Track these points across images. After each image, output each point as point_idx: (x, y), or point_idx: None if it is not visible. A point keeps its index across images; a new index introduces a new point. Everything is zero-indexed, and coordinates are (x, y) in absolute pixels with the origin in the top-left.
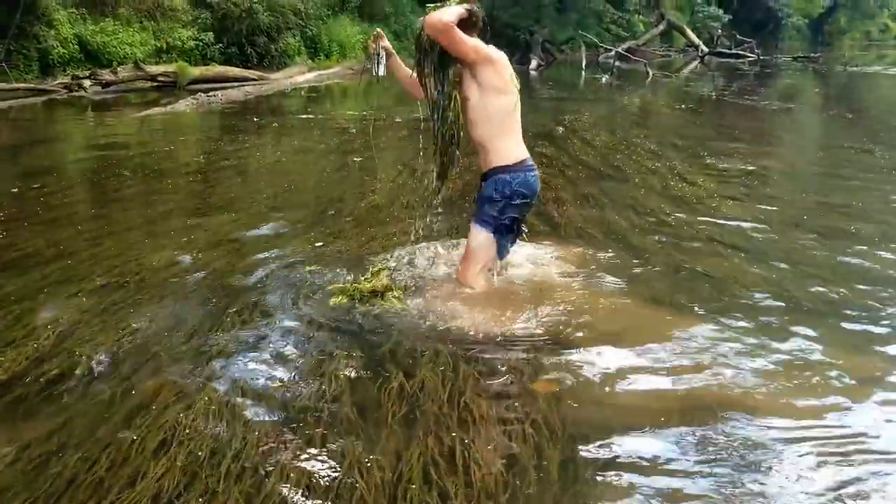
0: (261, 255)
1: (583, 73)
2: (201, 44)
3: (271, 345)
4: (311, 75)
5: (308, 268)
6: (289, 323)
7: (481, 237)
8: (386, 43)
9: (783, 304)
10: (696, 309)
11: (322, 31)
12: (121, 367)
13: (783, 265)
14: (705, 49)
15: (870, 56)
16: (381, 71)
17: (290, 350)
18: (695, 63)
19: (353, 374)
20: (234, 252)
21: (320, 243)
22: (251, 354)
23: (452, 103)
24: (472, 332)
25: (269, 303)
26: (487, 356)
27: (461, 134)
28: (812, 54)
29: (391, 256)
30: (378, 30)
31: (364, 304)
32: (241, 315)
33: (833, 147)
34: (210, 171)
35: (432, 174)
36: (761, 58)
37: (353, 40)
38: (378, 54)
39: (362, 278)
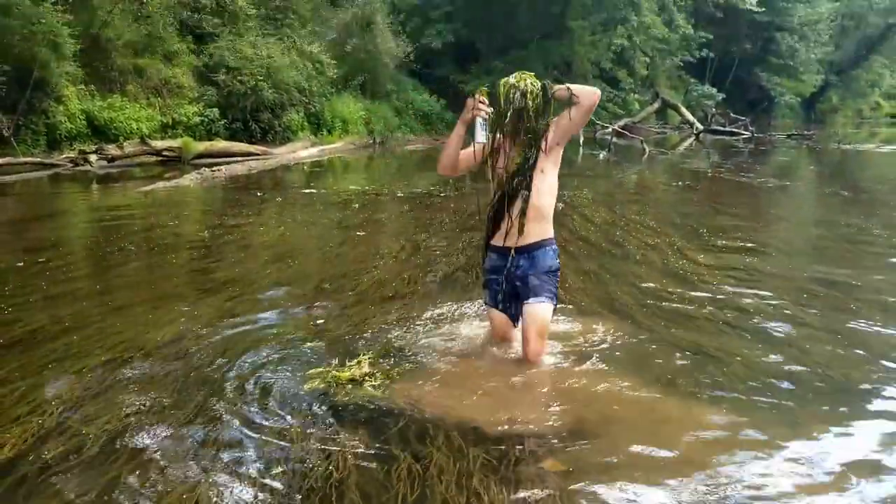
0: (262, 333)
1: (580, 149)
2: (206, 119)
3: (273, 429)
4: (313, 150)
5: (308, 345)
6: (292, 405)
7: (551, 311)
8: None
9: (789, 386)
10: (700, 393)
11: (325, 107)
12: (121, 448)
13: (786, 345)
14: (700, 126)
15: (862, 134)
16: (483, 137)
17: (293, 433)
18: (690, 140)
19: (358, 458)
20: (236, 329)
21: (321, 320)
22: (254, 437)
23: (529, 169)
24: (478, 416)
25: (270, 384)
26: (494, 440)
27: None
28: (805, 132)
29: (390, 336)
30: (482, 90)
31: (341, 393)
32: (241, 395)
33: (831, 224)
34: (213, 245)
35: (480, 243)
36: (755, 135)
37: (356, 116)
38: (485, 119)
39: (346, 365)
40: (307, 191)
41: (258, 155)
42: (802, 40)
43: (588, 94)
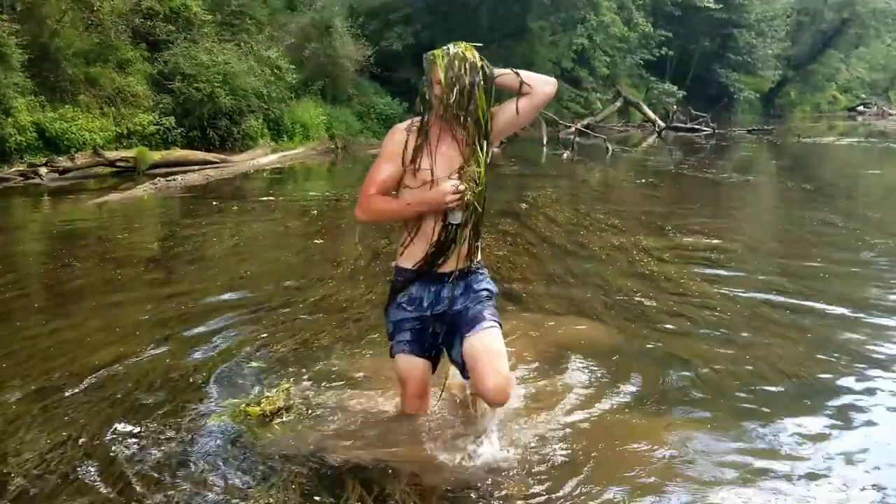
0: (202, 353)
1: (544, 149)
2: (162, 128)
3: (208, 461)
4: (273, 157)
5: (245, 366)
6: (189, 446)
7: (502, 337)
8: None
9: (760, 388)
10: (672, 404)
11: (285, 113)
12: (45, 486)
13: (754, 346)
14: (662, 124)
15: (821, 127)
16: (459, 218)
17: (230, 465)
18: (653, 137)
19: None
20: (181, 348)
21: (266, 335)
22: (182, 472)
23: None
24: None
25: (180, 418)
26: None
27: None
28: (765, 126)
29: (332, 357)
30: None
31: (247, 432)
32: (176, 421)
33: (794, 219)
34: (165, 258)
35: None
36: (716, 131)
37: (317, 121)
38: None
39: (264, 395)
40: (265, 198)
41: (216, 163)
42: (760, 36)
43: (542, 83)
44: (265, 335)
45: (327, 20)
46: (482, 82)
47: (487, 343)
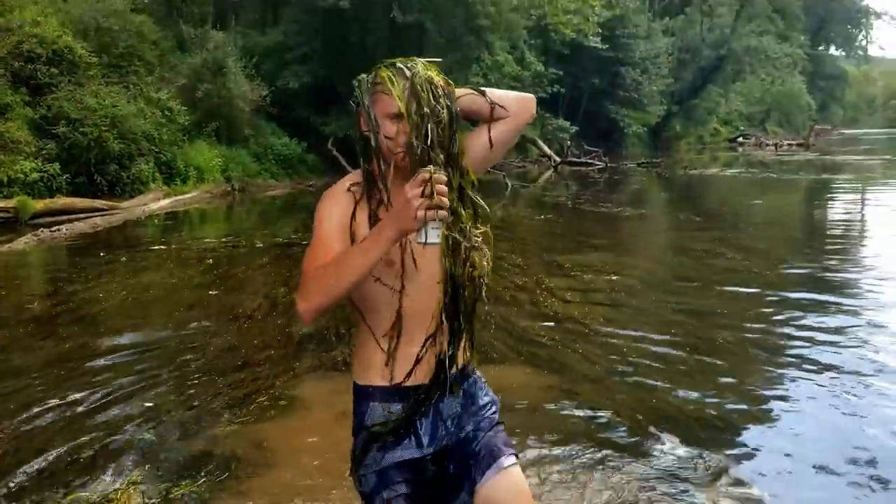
0: (73, 427)
1: None
2: (46, 175)
3: None
4: (166, 202)
5: (116, 442)
6: None
7: None
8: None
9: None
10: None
11: (178, 155)
12: None
13: (659, 386)
14: (557, 159)
15: (705, 158)
16: (437, 237)
17: None
18: (549, 172)
19: None
20: (54, 422)
21: (150, 403)
22: None
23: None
24: None
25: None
26: None
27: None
28: (654, 160)
29: (216, 428)
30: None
31: None
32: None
33: (687, 251)
34: (45, 317)
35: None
36: (609, 165)
37: (212, 164)
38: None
39: (114, 490)
40: (157, 247)
41: (104, 210)
42: (644, 74)
43: (521, 103)
44: (150, 404)
45: (220, 61)
46: (458, 110)
47: (513, 491)
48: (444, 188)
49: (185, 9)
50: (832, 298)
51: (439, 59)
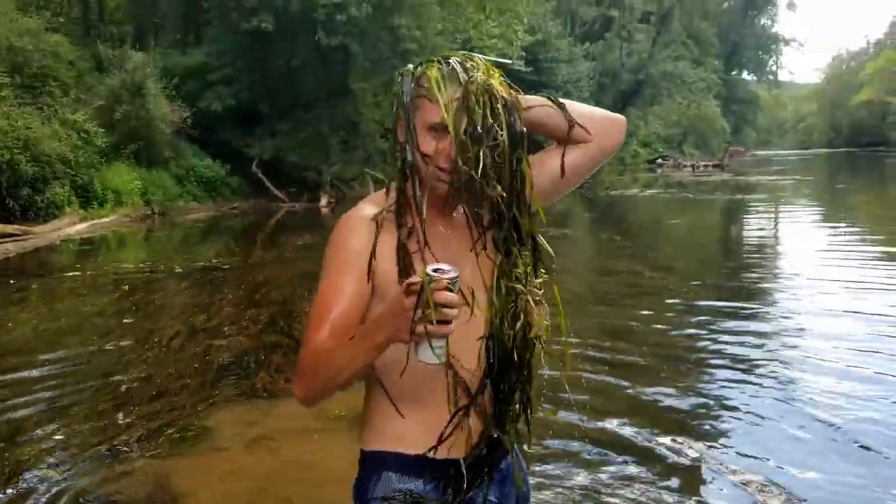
0: None
1: None
2: None
3: None
4: (82, 226)
5: (45, 473)
6: None
7: None
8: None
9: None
10: None
11: (95, 178)
12: None
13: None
14: None
15: (626, 180)
16: (436, 357)
17: None
18: None
19: None
20: None
21: (60, 437)
22: None
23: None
24: None
25: None
26: None
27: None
28: None
29: (133, 466)
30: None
31: None
32: None
33: (609, 272)
34: None
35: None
36: None
37: (130, 187)
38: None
39: None
40: (71, 273)
41: (17, 235)
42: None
43: (608, 124)
44: (60, 437)
45: (139, 82)
46: (523, 130)
47: None
48: (449, 297)
49: (102, 28)
50: (750, 307)
51: (509, 62)
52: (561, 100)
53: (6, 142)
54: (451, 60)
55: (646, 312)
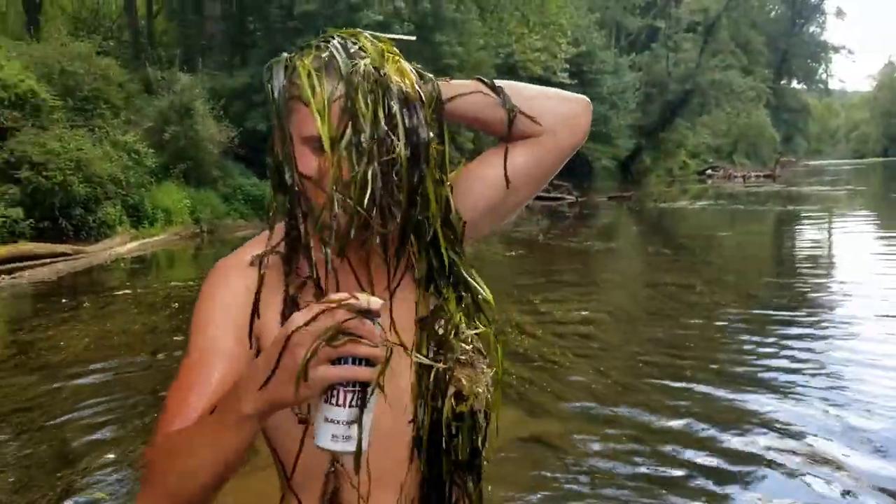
0: (43, 476)
1: None
2: (8, 220)
3: None
4: (133, 245)
5: (94, 496)
6: None
7: None
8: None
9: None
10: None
11: (145, 198)
12: None
13: (633, 429)
14: None
15: (674, 191)
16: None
17: None
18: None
19: None
20: (18, 480)
21: (111, 456)
22: None
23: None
24: None
25: None
26: None
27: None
28: (624, 193)
29: None
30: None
31: None
32: None
33: (657, 285)
34: (3, 368)
35: None
36: (579, 199)
37: (180, 206)
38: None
39: None
40: (123, 292)
41: (69, 255)
42: (613, 108)
43: (563, 108)
44: (111, 456)
45: (187, 103)
46: (433, 132)
47: None
48: (364, 327)
49: (151, 52)
50: (805, 324)
51: (412, 38)
52: (500, 81)
53: (59, 163)
54: (331, 42)
55: (691, 326)
